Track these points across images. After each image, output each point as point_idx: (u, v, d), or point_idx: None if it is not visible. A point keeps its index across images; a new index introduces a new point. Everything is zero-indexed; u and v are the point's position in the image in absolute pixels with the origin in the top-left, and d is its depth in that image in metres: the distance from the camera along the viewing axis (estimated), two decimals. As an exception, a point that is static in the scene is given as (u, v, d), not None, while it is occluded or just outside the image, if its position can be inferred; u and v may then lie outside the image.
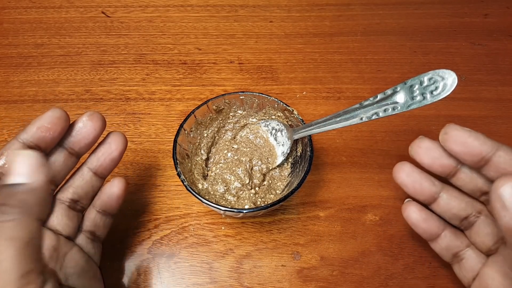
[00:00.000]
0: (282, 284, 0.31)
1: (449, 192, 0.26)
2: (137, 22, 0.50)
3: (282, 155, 0.35)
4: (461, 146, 0.23)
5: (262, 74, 0.45)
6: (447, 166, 0.25)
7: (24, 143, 0.22)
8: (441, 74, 0.24)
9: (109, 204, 0.27)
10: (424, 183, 0.26)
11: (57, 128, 0.23)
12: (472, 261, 0.26)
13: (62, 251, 0.25)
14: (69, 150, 0.25)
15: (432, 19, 0.51)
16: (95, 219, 0.27)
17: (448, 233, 0.27)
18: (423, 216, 0.27)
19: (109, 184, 0.27)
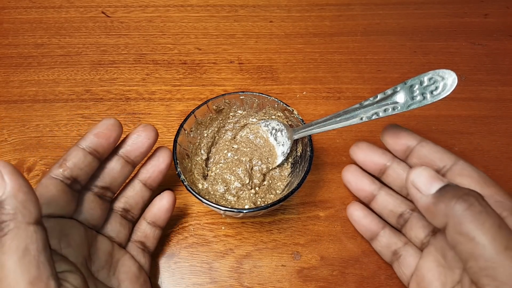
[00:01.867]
0: (282, 284, 0.31)
1: (386, 190, 0.30)
2: (137, 22, 0.50)
3: (282, 155, 0.35)
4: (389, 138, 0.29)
5: (262, 74, 0.45)
6: (378, 162, 0.30)
7: (83, 149, 0.24)
8: (441, 74, 0.24)
9: (159, 216, 0.29)
10: (365, 180, 0.31)
11: (112, 134, 0.25)
12: (409, 257, 0.28)
13: (116, 257, 0.27)
14: (125, 159, 0.27)
15: (432, 19, 0.51)
16: (145, 230, 0.29)
17: (387, 231, 0.30)
18: (364, 213, 0.31)
19: (159, 197, 0.29)
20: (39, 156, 0.38)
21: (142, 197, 0.29)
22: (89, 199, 0.26)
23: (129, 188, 0.29)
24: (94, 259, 0.25)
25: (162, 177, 0.29)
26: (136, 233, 0.29)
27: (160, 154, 0.29)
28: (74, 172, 0.24)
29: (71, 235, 0.23)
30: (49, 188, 0.23)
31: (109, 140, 0.25)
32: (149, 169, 0.29)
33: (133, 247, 0.29)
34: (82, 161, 0.24)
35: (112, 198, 0.28)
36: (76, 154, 0.24)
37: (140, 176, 0.29)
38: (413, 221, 0.29)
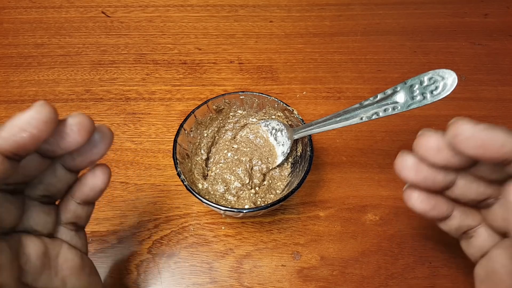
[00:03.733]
0: (282, 284, 0.31)
1: (466, 178, 0.22)
2: (137, 22, 0.50)
3: (282, 155, 0.35)
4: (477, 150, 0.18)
5: (262, 74, 0.45)
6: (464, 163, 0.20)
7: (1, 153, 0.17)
8: (441, 74, 0.24)
9: (91, 196, 0.23)
10: (437, 177, 0.22)
11: (43, 135, 0.17)
12: (482, 239, 0.24)
13: (52, 254, 0.22)
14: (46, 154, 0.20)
15: (432, 19, 0.51)
16: (75, 210, 0.23)
17: (459, 213, 0.24)
18: (432, 203, 0.23)
19: (91, 174, 0.23)
20: (39, 156, 0.38)
21: (66, 183, 0.22)
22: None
23: (48, 174, 0.22)
24: (28, 269, 0.20)
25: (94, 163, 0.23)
26: (64, 214, 0.23)
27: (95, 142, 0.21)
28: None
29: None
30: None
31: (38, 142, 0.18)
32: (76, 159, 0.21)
33: (65, 231, 0.24)
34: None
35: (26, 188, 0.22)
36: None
37: (63, 161, 0.21)
38: (498, 210, 0.22)
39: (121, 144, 0.39)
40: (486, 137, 0.18)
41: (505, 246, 0.22)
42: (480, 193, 0.22)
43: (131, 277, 0.31)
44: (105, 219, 0.34)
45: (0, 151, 0.17)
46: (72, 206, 0.23)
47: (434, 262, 0.32)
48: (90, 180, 0.23)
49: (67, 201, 0.23)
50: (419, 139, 0.21)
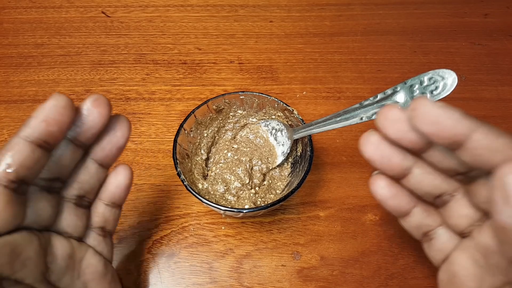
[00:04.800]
0: (282, 284, 0.31)
1: (422, 168, 0.22)
2: (137, 22, 0.50)
3: (282, 155, 0.35)
4: (431, 127, 0.18)
5: (262, 74, 0.45)
6: (417, 142, 0.20)
7: (31, 141, 0.19)
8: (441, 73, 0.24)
9: (118, 195, 0.25)
10: (395, 157, 0.22)
11: (65, 119, 0.19)
12: (443, 241, 0.24)
13: (77, 257, 0.23)
14: (75, 142, 0.21)
15: (432, 19, 0.51)
16: (104, 213, 0.25)
17: (419, 210, 0.24)
18: (392, 192, 0.24)
19: (114, 173, 0.24)
20: (39, 156, 0.38)
21: (98, 180, 0.24)
22: (36, 198, 0.20)
23: (82, 171, 0.23)
24: (53, 268, 0.21)
25: (120, 153, 0.24)
26: (94, 218, 0.25)
27: (118, 127, 0.23)
28: (21, 173, 0.18)
29: (24, 253, 0.19)
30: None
31: (62, 127, 0.19)
32: (105, 147, 0.23)
33: (93, 235, 0.25)
34: (30, 157, 0.19)
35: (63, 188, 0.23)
36: (21, 149, 0.18)
37: (94, 155, 0.23)
38: (454, 206, 0.23)
39: (121, 144, 0.39)
40: (441, 114, 0.18)
41: (464, 247, 0.22)
42: (435, 186, 0.23)
43: (131, 277, 0.31)
44: (105, 219, 0.34)
45: (30, 140, 0.19)
46: (101, 208, 0.25)
47: (434, 262, 0.32)
48: (114, 179, 0.24)
49: (96, 204, 0.25)
50: (381, 110, 0.21)
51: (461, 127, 0.18)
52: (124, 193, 0.25)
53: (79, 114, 0.21)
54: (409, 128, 0.20)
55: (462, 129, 0.18)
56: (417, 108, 0.19)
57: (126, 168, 0.25)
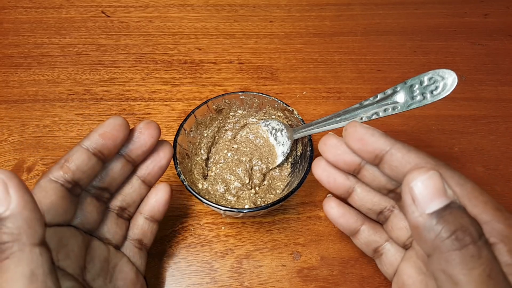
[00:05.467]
0: (282, 284, 0.31)
1: (363, 187, 0.26)
2: (137, 22, 0.50)
3: (282, 155, 0.35)
4: (358, 143, 0.23)
5: (262, 74, 0.45)
6: (350, 163, 0.24)
7: (88, 150, 0.22)
8: (441, 74, 0.24)
9: (157, 210, 0.27)
10: (338, 178, 0.26)
11: (119, 135, 0.23)
12: (391, 256, 0.26)
13: (112, 262, 0.25)
14: (126, 158, 0.25)
15: (432, 19, 0.51)
16: (142, 226, 0.27)
17: (367, 228, 0.27)
18: (341, 212, 0.27)
19: (155, 189, 0.27)
20: (39, 156, 0.38)
21: (140, 195, 0.27)
22: (86, 202, 0.24)
23: (127, 185, 0.27)
24: (90, 268, 0.23)
25: (163, 173, 0.27)
26: (133, 230, 0.27)
27: (161, 149, 0.27)
28: (76, 175, 0.22)
29: (69, 245, 0.22)
30: (48, 193, 0.21)
31: (116, 142, 0.23)
32: (149, 165, 0.27)
33: (130, 246, 0.27)
34: (85, 163, 0.22)
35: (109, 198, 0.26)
36: (79, 156, 0.22)
37: (139, 172, 0.27)
38: (394, 221, 0.26)
39: (121, 144, 0.39)
40: (365, 133, 0.23)
41: (408, 257, 0.25)
42: (375, 203, 0.26)
43: (131, 277, 0.31)
44: (105, 219, 0.34)
45: (88, 149, 0.22)
46: (140, 221, 0.27)
47: (434, 262, 0.32)
48: (155, 195, 0.27)
49: (136, 217, 0.27)
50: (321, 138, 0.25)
51: (380, 143, 0.22)
52: (163, 208, 0.27)
53: (133, 133, 0.25)
54: (342, 151, 0.24)
55: (381, 145, 0.22)
56: (348, 129, 0.23)
57: (166, 186, 0.28)
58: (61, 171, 0.21)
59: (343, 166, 0.25)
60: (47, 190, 0.21)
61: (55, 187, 0.21)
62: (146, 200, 0.27)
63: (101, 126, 0.23)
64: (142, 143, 0.25)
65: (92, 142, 0.23)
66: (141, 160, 0.26)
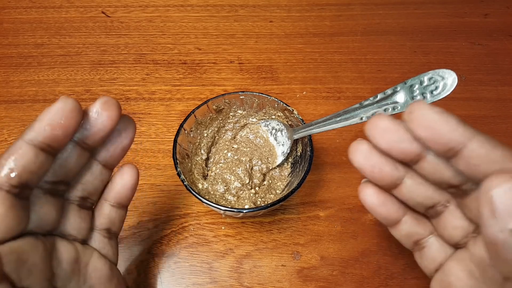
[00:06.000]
0: (282, 284, 0.31)
1: (414, 178, 0.22)
2: (137, 22, 0.50)
3: (282, 155, 0.35)
4: (426, 131, 0.18)
5: (262, 74, 0.45)
6: (408, 153, 0.20)
7: (34, 145, 0.18)
8: (441, 74, 0.24)
9: (124, 195, 0.24)
10: (385, 167, 0.21)
11: (71, 123, 0.19)
12: (434, 250, 0.24)
13: (83, 262, 0.23)
14: (82, 145, 0.21)
15: (432, 19, 0.51)
16: (109, 214, 0.24)
17: (409, 219, 0.24)
18: (381, 200, 0.23)
19: (119, 173, 0.24)
20: (39, 156, 0.38)
21: (102, 181, 0.23)
22: (39, 201, 0.20)
23: (85, 172, 0.22)
24: (59, 273, 0.21)
25: (125, 154, 0.23)
26: (99, 219, 0.24)
27: (122, 128, 0.22)
28: (23, 177, 0.18)
29: (30, 259, 0.19)
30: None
31: (67, 131, 0.19)
32: (109, 148, 0.22)
33: (98, 238, 0.24)
34: (33, 162, 0.18)
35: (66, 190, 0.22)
36: (24, 154, 0.18)
37: (99, 156, 0.22)
38: (448, 218, 0.22)
39: (121, 144, 0.39)
40: (438, 119, 0.18)
41: (459, 259, 0.22)
42: (427, 197, 0.22)
43: (131, 277, 0.31)
44: (105, 219, 0.34)
45: (34, 143, 0.18)
46: (106, 209, 0.24)
47: (434, 262, 0.32)
48: (120, 179, 0.24)
49: (101, 205, 0.24)
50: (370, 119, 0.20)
51: (457, 134, 0.17)
52: (130, 193, 0.24)
53: (88, 116, 0.20)
54: (399, 138, 0.19)
55: (458, 137, 0.17)
56: (414, 112, 0.18)
57: (132, 168, 0.24)
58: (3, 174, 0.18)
59: (397, 155, 0.20)
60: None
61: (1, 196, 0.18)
62: (110, 186, 0.24)
63: (47, 112, 0.18)
64: (100, 127, 0.20)
65: (38, 134, 0.18)
66: (100, 145, 0.22)
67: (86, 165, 0.22)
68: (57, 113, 0.18)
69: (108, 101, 0.20)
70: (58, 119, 0.18)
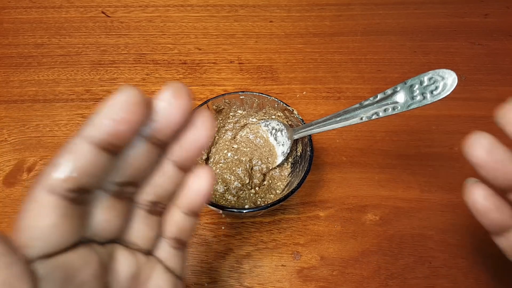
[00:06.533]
0: (282, 284, 0.31)
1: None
2: (137, 22, 0.50)
3: (282, 155, 0.35)
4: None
5: (262, 74, 0.45)
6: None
7: (94, 143, 0.15)
8: (441, 74, 0.24)
9: (198, 201, 0.21)
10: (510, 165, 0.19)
11: (136, 118, 0.16)
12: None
13: (143, 278, 0.19)
14: (152, 140, 0.18)
15: (432, 19, 0.51)
16: (180, 221, 0.21)
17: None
18: (496, 203, 0.20)
19: (195, 176, 0.20)
20: (39, 156, 0.38)
21: (174, 183, 0.20)
22: (103, 205, 0.17)
23: (157, 173, 0.19)
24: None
25: (201, 152, 0.20)
26: (168, 227, 0.21)
27: (198, 123, 0.19)
28: (82, 180, 0.15)
29: (80, 275, 0.16)
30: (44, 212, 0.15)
31: (132, 127, 0.16)
32: (185, 145, 0.19)
33: (165, 248, 0.21)
34: (92, 163, 0.15)
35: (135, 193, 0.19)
36: (83, 154, 0.15)
37: (172, 155, 0.19)
38: None
39: (121, 144, 0.39)
40: None
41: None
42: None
43: (131, 277, 0.31)
44: (105, 219, 0.34)
45: (94, 141, 0.15)
46: (176, 216, 0.21)
47: (434, 262, 0.32)
48: (195, 182, 0.20)
49: (171, 212, 0.21)
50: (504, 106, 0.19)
51: None
52: (203, 199, 0.21)
53: (157, 106, 0.17)
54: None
55: None
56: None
57: (208, 171, 0.20)
58: (58, 176, 0.15)
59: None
60: (44, 208, 0.15)
61: (54, 202, 0.15)
62: (184, 191, 0.21)
63: (109, 105, 0.15)
64: (171, 119, 0.17)
65: (98, 131, 0.15)
66: (172, 139, 0.19)
67: (157, 164, 0.19)
68: (120, 108, 0.15)
69: (179, 88, 0.17)
70: (122, 114, 0.15)
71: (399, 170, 0.38)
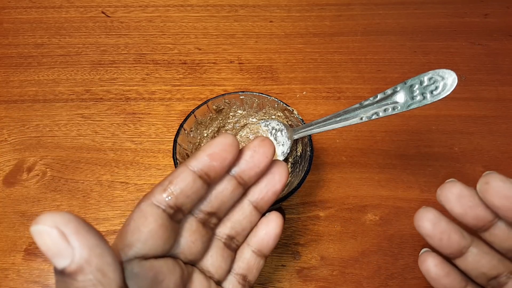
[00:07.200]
0: (282, 284, 0.31)
1: (480, 247, 0.22)
2: (137, 22, 0.50)
3: (282, 155, 0.35)
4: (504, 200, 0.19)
5: (262, 74, 0.45)
6: (482, 219, 0.20)
7: (194, 171, 0.19)
8: (441, 74, 0.24)
9: (266, 243, 0.24)
10: (453, 235, 0.22)
11: (228, 156, 0.20)
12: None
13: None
14: (237, 179, 0.21)
15: (432, 19, 0.51)
16: (249, 260, 0.24)
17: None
18: (446, 270, 0.23)
19: (266, 219, 0.24)
20: (39, 156, 0.38)
21: (251, 222, 0.23)
22: (190, 228, 0.21)
23: (237, 210, 0.23)
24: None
25: (275, 199, 0.24)
26: (238, 263, 0.23)
27: (275, 171, 0.23)
28: (180, 199, 0.19)
29: (165, 281, 0.19)
30: (148, 219, 0.18)
31: (224, 163, 0.20)
32: (263, 189, 0.23)
33: (233, 282, 0.23)
34: (190, 186, 0.19)
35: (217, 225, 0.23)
36: (184, 177, 0.19)
37: (251, 196, 0.23)
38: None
39: (121, 144, 0.39)
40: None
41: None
42: (492, 266, 0.22)
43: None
44: (105, 219, 0.34)
45: (194, 170, 0.19)
46: (247, 254, 0.24)
47: (434, 262, 0.32)
48: (265, 225, 0.24)
49: (243, 249, 0.24)
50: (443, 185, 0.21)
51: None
52: (272, 243, 0.24)
53: (245, 152, 0.21)
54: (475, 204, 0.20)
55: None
56: (490, 182, 0.19)
57: (278, 216, 0.24)
58: (163, 194, 0.19)
59: (471, 221, 0.21)
60: (147, 216, 0.18)
61: (156, 213, 0.18)
62: (255, 231, 0.24)
63: (210, 145, 0.20)
64: (256, 163, 0.21)
65: (198, 163, 0.20)
66: (253, 182, 0.23)
67: (238, 203, 0.23)
68: (217, 146, 0.20)
69: (264, 140, 0.22)
70: (217, 151, 0.20)
71: (399, 170, 0.38)
